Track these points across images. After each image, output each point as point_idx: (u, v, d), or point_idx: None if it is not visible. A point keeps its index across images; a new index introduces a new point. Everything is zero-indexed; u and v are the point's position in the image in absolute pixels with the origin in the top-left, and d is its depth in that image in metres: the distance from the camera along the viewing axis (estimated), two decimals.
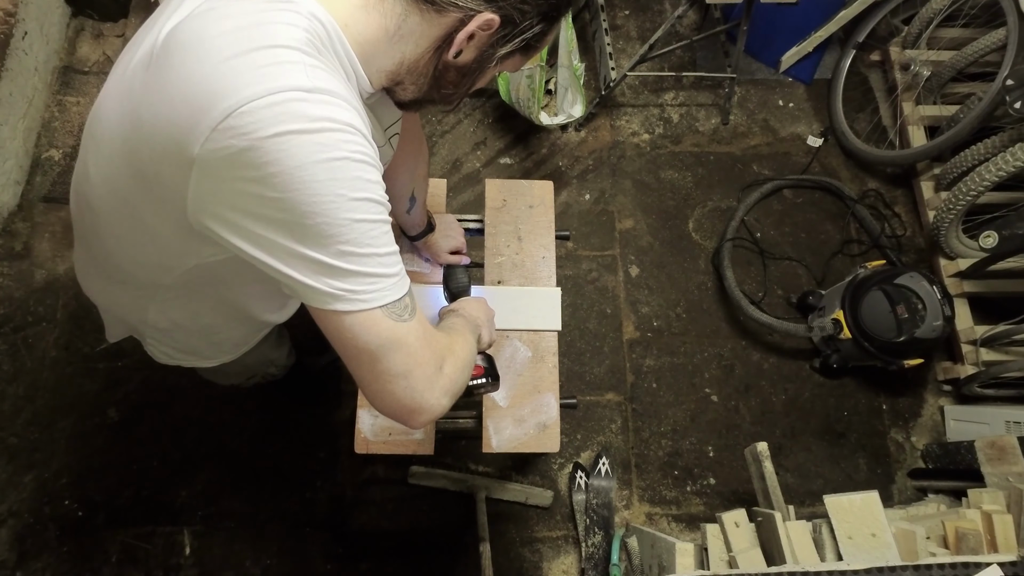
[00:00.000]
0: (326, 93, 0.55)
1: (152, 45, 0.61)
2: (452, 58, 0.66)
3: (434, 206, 1.33)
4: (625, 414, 1.84)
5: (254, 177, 0.54)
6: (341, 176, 0.55)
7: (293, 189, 0.54)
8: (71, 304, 1.75)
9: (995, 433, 1.62)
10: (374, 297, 0.60)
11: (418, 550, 1.65)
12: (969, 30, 2.06)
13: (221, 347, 0.99)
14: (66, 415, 1.67)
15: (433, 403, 0.67)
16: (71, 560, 1.56)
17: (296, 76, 0.54)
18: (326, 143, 0.54)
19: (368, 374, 0.64)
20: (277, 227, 0.56)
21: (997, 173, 1.67)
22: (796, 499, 1.77)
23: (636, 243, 2.03)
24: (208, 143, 0.54)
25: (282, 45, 0.55)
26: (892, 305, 1.69)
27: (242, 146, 0.53)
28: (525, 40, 0.67)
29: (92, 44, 2.07)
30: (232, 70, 0.54)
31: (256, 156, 0.53)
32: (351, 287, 0.59)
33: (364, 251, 0.58)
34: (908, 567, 1.01)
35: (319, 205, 0.55)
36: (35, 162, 1.90)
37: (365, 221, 0.58)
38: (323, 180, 0.54)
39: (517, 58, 0.70)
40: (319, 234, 0.56)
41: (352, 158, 0.56)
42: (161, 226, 0.66)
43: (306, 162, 0.53)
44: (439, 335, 0.73)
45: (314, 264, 0.57)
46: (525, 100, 1.90)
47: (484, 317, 0.99)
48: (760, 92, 2.28)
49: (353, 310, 0.60)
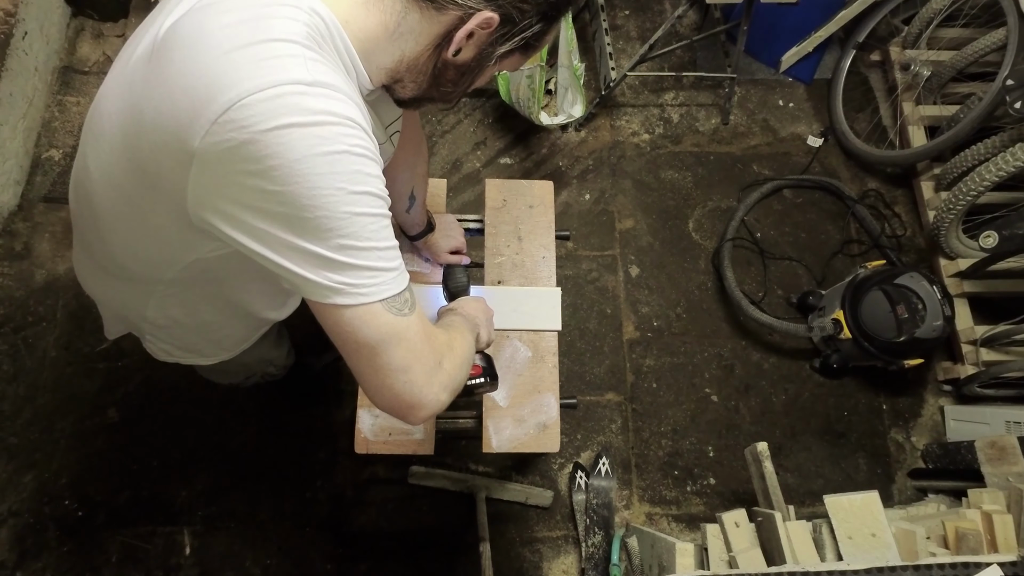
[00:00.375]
0: (326, 87, 0.55)
1: (153, 39, 0.61)
2: (451, 56, 0.66)
3: (434, 206, 1.33)
4: (625, 414, 1.84)
5: (254, 170, 0.54)
6: (341, 169, 0.55)
7: (293, 182, 0.54)
8: (71, 304, 1.75)
9: (995, 433, 1.62)
10: (374, 291, 0.60)
11: (418, 550, 1.65)
12: (969, 30, 2.06)
13: (220, 344, 0.99)
14: (66, 415, 1.67)
15: (432, 399, 0.67)
16: (71, 560, 1.56)
17: (296, 70, 0.54)
18: (326, 136, 0.54)
19: (367, 368, 0.64)
20: (277, 221, 0.56)
21: (997, 173, 1.67)
22: (796, 499, 1.77)
23: (636, 243, 2.03)
24: (208, 136, 0.54)
25: (282, 39, 0.55)
26: (892, 305, 1.69)
27: (242, 139, 0.53)
28: (524, 39, 0.67)
29: (92, 44, 2.07)
30: (232, 63, 0.54)
31: (256, 149, 0.53)
32: (351, 281, 0.59)
33: (364, 245, 0.58)
34: (908, 567, 1.01)
35: (319, 198, 0.55)
36: (35, 162, 1.90)
37: (365, 215, 0.58)
38: (323, 173, 0.54)
39: (516, 57, 0.70)
40: (319, 227, 0.56)
41: (352, 152, 0.56)
42: (161, 221, 0.66)
43: (306, 155, 0.53)
44: (438, 331, 0.73)
45: (314, 258, 0.57)
46: (525, 100, 1.90)
47: (483, 317, 0.99)
48: (760, 92, 2.28)
49: (353, 304, 0.60)
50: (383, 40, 0.64)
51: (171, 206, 0.62)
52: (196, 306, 0.86)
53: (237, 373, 1.19)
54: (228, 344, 1.00)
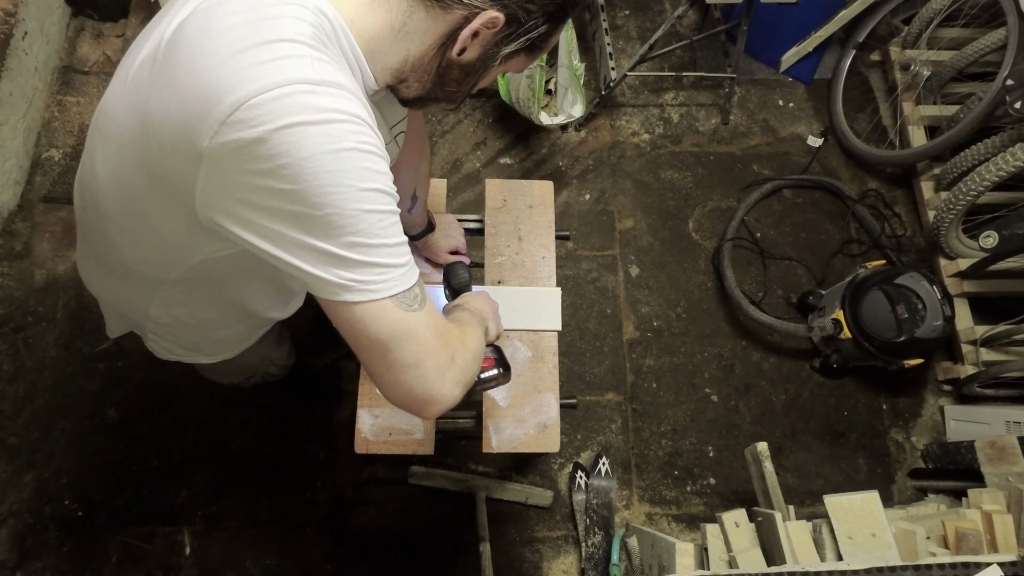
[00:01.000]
0: (332, 85, 0.55)
1: (159, 40, 0.62)
2: (456, 56, 0.66)
3: (434, 206, 1.33)
4: (625, 414, 1.84)
5: (263, 170, 0.54)
6: (350, 167, 0.55)
7: (303, 180, 0.54)
8: (71, 304, 1.75)
9: (995, 433, 1.62)
10: (384, 287, 0.60)
11: (418, 550, 1.65)
12: (969, 30, 2.06)
13: (222, 343, 0.99)
14: (66, 415, 1.67)
15: (445, 393, 0.67)
16: (71, 560, 1.56)
17: (302, 69, 0.54)
18: (334, 134, 0.54)
19: (380, 365, 0.64)
20: (286, 219, 0.56)
21: (997, 173, 1.67)
22: (796, 499, 1.77)
23: (636, 243, 2.03)
24: (217, 137, 0.54)
25: (288, 39, 0.55)
26: (892, 305, 1.69)
27: (251, 138, 0.53)
28: (530, 40, 0.67)
29: (92, 44, 2.07)
30: (239, 64, 0.54)
31: (265, 148, 0.53)
32: (361, 277, 0.59)
33: (374, 241, 0.59)
34: (908, 567, 1.01)
35: (328, 196, 0.55)
36: (35, 162, 1.90)
37: (374, 212, 0.58)
38: (332, 171, 0.54)
39: (522, 58, 0.70)
40: (328, 225, 0.56)
41: (360, 148, 0.56)
42: (168, 222, 0.67)
43: (315, 153, 0.54)
44: (450, 326, 0.73)
45: (324, 255, 0.58)
46: (525, 100, 1.90)
47: (489, 310, 0.99)
48: (760, 92, 2.28)
49: (363, 300, 0.60)
50: (388, 39, 0.64)
51: (179, 207, 0.62)
52: (199, 305, 0.86)
53: (238, 373, 1.19)
54: (230, 343, 1.00)
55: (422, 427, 1.18)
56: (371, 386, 1.19)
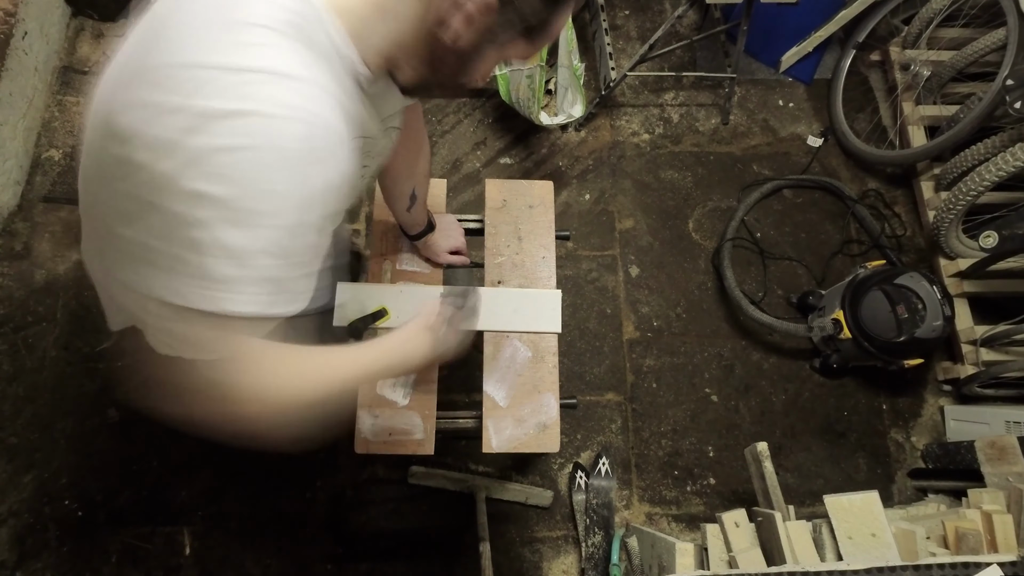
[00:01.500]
0: (297, 79, 0.56)
1: (138, 29, 0.63)
2: (451, 43, 0.65)
3: (434, 206, 1.33)
4: (625, 414, 1.84)
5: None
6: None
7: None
8: (71, 304, 1.75)
9: (995, 433, 1.62)
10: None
11: (418, 550, 1.65)
12: (969, 30, 2.06)
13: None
14: (66, 415, 1.67)
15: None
16: (71, 560, 1.56)
17: (270, 59, 0.55)
18: (295, 132, 0.56)
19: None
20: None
21: (997, 173, 1.67)
22: (796, 499, 1.77)
23: (636, 243, 2.03)
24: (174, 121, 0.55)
25: (260, 24, 0.55)
26: (892, 305, 1.69)
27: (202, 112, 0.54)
28: (527, 23, 0.65)
29: (92, 44, 2.07)
30: (204, 43, 0.55)
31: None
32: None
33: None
34: (908, 567, 1.01)
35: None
36: (35, 162, 1.90)
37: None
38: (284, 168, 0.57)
39: (521, 44, 0.68)
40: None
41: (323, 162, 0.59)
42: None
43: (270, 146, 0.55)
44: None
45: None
46: (525, 100, 1.90)
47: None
48: (760, 92, 2.28)
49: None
50: (374, 19, 0.63)
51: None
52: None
53: None
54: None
55: (422, 427, 1.18)
56: (371, 386, 1.19)
